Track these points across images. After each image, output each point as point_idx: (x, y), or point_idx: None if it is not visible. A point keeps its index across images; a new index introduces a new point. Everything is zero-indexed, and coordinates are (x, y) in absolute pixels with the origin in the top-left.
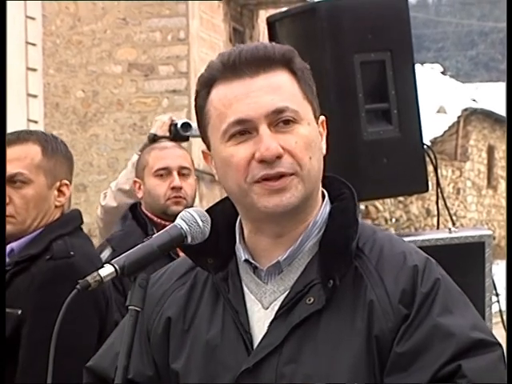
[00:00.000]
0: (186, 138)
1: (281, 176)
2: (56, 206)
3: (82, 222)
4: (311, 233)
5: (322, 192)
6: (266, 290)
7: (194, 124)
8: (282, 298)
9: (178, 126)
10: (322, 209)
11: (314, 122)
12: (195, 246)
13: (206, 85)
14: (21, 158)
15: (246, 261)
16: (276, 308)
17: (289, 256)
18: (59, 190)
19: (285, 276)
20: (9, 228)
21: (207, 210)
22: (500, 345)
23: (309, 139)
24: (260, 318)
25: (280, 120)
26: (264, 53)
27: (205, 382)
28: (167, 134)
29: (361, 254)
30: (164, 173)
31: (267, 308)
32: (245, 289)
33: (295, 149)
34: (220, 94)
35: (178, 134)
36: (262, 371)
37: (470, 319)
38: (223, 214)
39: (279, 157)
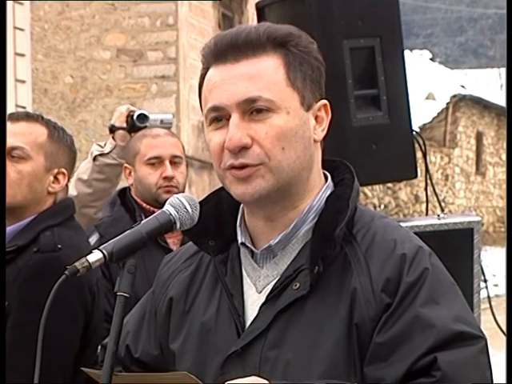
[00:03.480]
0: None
1: (245, 166)
2: (49, 192)
3: (74, 212)
4: (306, 218)
5: (326, 176)
6: (261, 274)
7: (152, 115)
8: (273, 282)
9: (134, 117)
10: (321, 194)
11: (301, 109)
12: (197, 229)
13: (203, 67)
14: (25, 134)
15: (243, 244)
16: (267, 292)
17: (280, 240)
18: (55, 177)
19: (278, 260)
20: None
21: (215, 191)
22: (484, 338)
23: (283, 129)
24: (254, 302)
25: (253, 109)
26: (247, 38)
27: (197, 364)
28: (124, 125)
29: (353, 240)
30: (156, 162)
31: (260, 292)
32: (243, 272)
33: (264, 140)
34: (208, 78)
35: (134, 125)
36: (248, 355)
37: (455, 311)
38: (230, 197)
39: (246, 147)
